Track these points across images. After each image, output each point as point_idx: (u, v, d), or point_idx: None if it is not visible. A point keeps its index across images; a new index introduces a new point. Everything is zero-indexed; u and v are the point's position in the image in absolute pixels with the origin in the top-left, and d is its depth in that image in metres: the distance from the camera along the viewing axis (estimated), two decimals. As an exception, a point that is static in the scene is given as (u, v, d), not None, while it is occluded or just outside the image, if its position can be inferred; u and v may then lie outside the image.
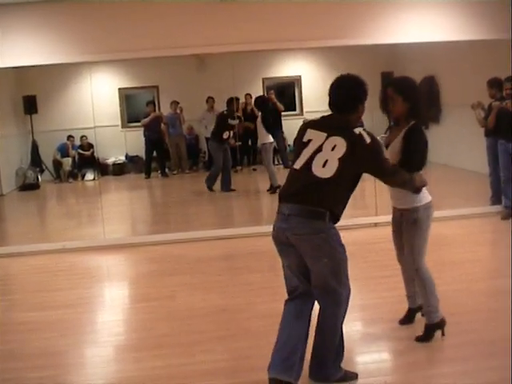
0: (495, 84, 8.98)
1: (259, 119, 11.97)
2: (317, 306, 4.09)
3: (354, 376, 4.17)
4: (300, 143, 4.10)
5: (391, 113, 4.63)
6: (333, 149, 3.90)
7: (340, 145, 3.89)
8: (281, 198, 4.04)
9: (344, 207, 4.03)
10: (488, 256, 7.47)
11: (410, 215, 4.57)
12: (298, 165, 4.01)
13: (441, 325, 4.69)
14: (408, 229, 4.62)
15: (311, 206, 3.88)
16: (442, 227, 8.34)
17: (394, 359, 4.64)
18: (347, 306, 4.08)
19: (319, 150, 3.95)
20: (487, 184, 9.36)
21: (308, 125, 4.23)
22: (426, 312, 4.74)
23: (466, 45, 9.71)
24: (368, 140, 3.90)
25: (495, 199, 9.22)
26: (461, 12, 8.64)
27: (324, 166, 3.88)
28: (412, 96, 4.51)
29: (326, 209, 3.87)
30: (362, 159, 3.90)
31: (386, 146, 4.56)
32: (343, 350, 4.14)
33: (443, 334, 4.70)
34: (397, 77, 4.68)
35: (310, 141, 4.03)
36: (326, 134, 3.98)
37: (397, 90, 4.52)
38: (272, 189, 11.77)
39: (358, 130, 3.94)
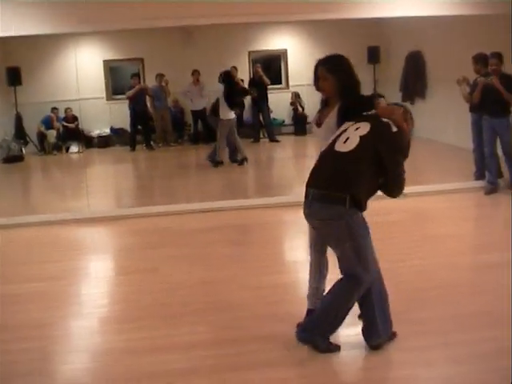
0: (480, 60, 8.99)
1: (221, 94, 11.85)
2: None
3: (337, 348, 4.23)
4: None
5: (322, 92, 4.42)
6: (357, 129, 4.07)
7: (364, 126, 4.08)
8: (307, 183, 4.16)
9: (368, 194, 4.06)
10: (471, 231, 7.54)
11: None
12: (324, 148, 4.20)
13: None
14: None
15: (332, 191, 3.98)
16: (426, 202, 8.42)
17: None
18: (361, 292, 4.12)
19: (344, 131, 4.13)
20: (471, 159, 9.41)
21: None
22: None
23: (452, 20, 9.74)
24: (395, 129, 4.06)
25: (479, 174, 9.28)
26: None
27: (345, 142, 4.04)
28: (343, 75, 4.30)
29: (346, 194, 3.93)
30: (383, 139, 4.03)
31: (319, 125, 4.44)
32: (338, 327, 4.24)
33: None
34: (329, 55, 4.41)
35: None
36: (353, 122, 4.16)
37: (327, 69, 4.31)
38: (238, 161, 12.06)
39: (386, 120, 4.10)
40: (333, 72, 4.28)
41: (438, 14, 8.61)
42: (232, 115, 11.83)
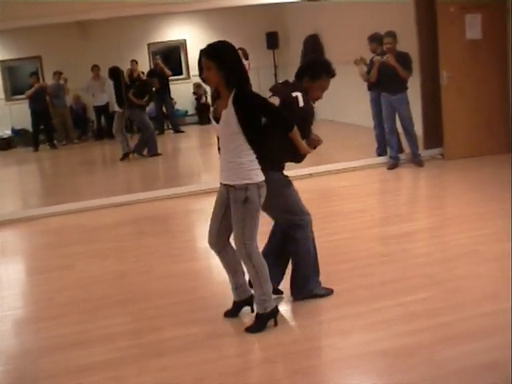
0: (376, 39, 9.26)
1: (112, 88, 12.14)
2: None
3: (330, 291, 4.77)
4: None
5: (208, 83, 4.21)
6: None
7: (273, 100, 4.35)
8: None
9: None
10: (376, 205, 7.77)
11: (239, 193, 4.12)
12: None
13: (274, 313, 4.35)
14: (237, 209, 4.16)
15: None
16: (332, 180, 8.65)
17: (294, 308, 4.78)
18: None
19: None
20: (373, 137, 9.67)
21: None
22: (259, 301, 4.31)
23: (347, 2, 9.95)
24: (301, 104, 4.33)
25: (381, 150, 9.57)
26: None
27: None
28: (226, 62, 4.03)
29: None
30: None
31: (217, 120, 4.17)
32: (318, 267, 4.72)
33: (276, 324, 4.35)
34: (211, 43, 4.15)
35: None
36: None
37: (210, 58, 4.05)
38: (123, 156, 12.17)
39: (295, 94, 4.36)
40: (214, 59, 4.03)
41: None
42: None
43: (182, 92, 15.87)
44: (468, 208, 6.86)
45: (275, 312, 4.35)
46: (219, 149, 4.27)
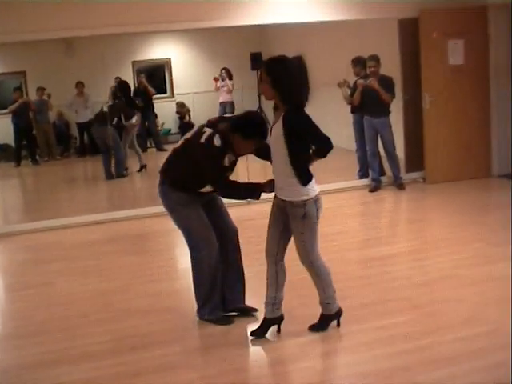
0: (359, 62, 9.35)
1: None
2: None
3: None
4: None
5: (263, 94, 4.23)
6: None
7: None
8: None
9: None
10: (358, 227, 7.81)
11: (298, 209, 4.22)
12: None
13: (338, 315, 4.55)
14: (296, 224, 4.27)
15: None
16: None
17: (273, 329, 4.77)
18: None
19: None
20: (355, 159, 9.73)
21: None
22: (324, 304, 4.50)
23: (331, 25, 10.02)
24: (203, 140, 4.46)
25: (363, 173, 9.63)
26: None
27: None
28: (281, 80, 4.09)
29: None
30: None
31: (270, 132, 4.29)
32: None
33: (338, 325, 4.56)
34: (272, 57, 4.21)
35: None
36: None
37: (266, 72, 4.12)
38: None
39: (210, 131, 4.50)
40: (269, 74, 4.10)
41: (318, 19, 8.83)
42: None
43: (165, 110, 15.90)
44: (448, 232, 6.92)
45: (339, 313, 4.54)
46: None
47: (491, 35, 9.09)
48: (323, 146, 4.24)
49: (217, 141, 4.41)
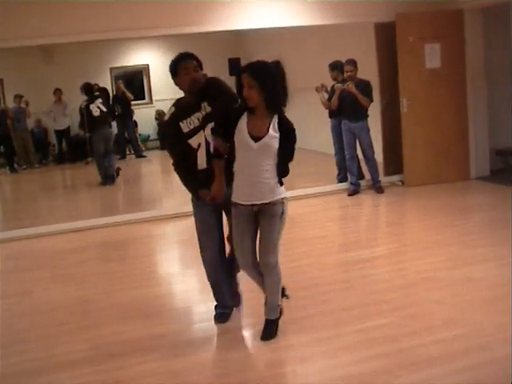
0: (336, 67, 9.38)
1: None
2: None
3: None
4: None
5: (248, 100, 4.08)
6: None
7: None
8: None
9: None
10: (336, 231, 7.84)
11: (277, 208, 4.30)
12: None
13: (281, 314, 4.60)
14: (275, 222, 4.33)
15: None
16: (294, 206, 8.60)
17: (252, 331, 4.78)
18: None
19: None
20: (334, 163, 9.77)
21: None
22: (275, 307, 4.51)
23: (308, 29, 10.07)
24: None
25: (341, 177, 9.66)
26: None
27: None
28: (270, 84, 4.06)
29: None
30: None
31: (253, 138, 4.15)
32: None
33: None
34: (254, 61, 4.15)
35: None
36: None
37: (253, 77, 4.03)
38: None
39: None
40: (257, 79, 4.02)
41: (295, 24, 8.86)
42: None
43: (144, 116, 15.89)
44: (426, 234, 6.96)
45: (281, 312, 4.60)
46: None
47: (467, 39, 9.17)
48: (291, 159, 4.32)
49: (170, 109, 4.64)
